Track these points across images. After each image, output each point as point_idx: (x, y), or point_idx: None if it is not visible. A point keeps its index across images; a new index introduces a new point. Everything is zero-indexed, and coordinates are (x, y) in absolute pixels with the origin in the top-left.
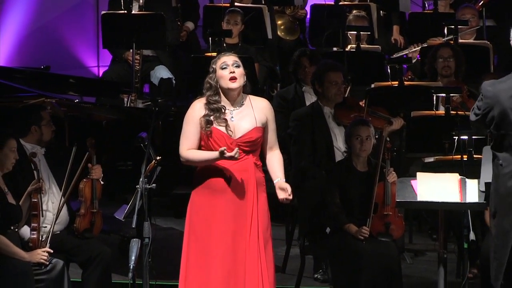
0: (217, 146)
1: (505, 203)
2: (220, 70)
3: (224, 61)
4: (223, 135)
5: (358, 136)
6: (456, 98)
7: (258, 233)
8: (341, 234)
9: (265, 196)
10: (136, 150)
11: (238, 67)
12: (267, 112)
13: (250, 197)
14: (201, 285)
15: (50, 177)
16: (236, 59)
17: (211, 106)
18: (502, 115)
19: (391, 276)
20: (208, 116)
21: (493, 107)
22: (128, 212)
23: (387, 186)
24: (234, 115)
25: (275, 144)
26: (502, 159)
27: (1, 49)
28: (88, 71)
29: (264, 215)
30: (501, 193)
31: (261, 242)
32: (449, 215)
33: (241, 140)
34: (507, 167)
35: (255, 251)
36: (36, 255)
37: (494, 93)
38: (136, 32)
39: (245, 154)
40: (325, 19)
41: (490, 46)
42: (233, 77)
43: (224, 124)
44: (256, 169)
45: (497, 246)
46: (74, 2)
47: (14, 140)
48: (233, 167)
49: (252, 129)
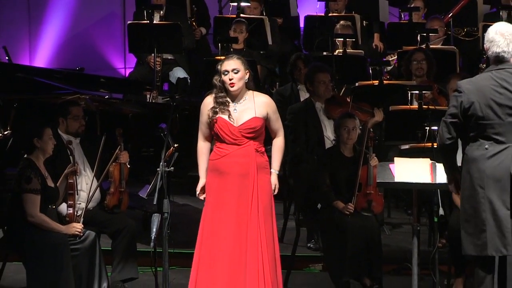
0: (222, 132)
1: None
2: (222, 75)
3: (225, 68)
4: (227, 123)
5: (345, 127)
6: (427, 95)
7: (258, 209)
8: (330, 210)
9: (268, 177)
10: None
11: (237, 72)
12: (267, 106)
13: (251, 178)
14: (212, 249)
15: (84, 162)
16: (235, 66)
17: (217, 100)
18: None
19: (372, 245)
20: (215, 108)
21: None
22: (150, 191)
23: (370, 169)
24: (236, 108)
25: (279, 131)
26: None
27: (43, 54)
28: (116, 72)
29: (265, 194)
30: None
31: (261, 217)
32: (421, 194)
33: (242, 127)
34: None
35: (255, 223)
36: (72, 228)
37: (476, 88)
38: (157, 38)
39: (246, 140)
40: (317, 28)
41: (456, 50)
42: (232, 83)
43: (227, 114)
44: (257, 154)
45: (483, 219)
46: (104, 13)
47: (49, 128)
48: (236, 153)
49: (251, 119)
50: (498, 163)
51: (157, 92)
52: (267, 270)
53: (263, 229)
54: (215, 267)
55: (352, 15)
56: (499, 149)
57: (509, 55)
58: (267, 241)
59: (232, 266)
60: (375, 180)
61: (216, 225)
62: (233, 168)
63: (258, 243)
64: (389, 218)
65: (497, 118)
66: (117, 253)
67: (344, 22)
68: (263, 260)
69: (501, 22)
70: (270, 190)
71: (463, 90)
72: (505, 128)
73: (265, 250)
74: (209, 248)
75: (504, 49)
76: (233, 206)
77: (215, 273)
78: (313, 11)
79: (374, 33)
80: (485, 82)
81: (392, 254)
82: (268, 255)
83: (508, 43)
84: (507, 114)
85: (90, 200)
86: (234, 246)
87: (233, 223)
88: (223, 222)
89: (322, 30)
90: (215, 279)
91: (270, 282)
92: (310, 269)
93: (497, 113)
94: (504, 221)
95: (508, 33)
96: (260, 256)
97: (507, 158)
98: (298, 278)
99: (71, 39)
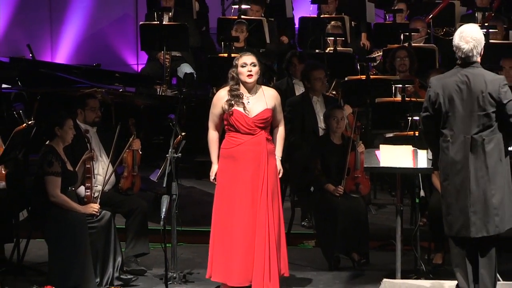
0: (237, 123)
1: (452, 169)
2: (240, 67)
3: (244, 61)
4: (242, 114)
5: (334, 117)
6: (409, 88)
7: (268, 189)
8: (322, 192)
9: (275, 162)
10: (166, 128)
11: (255, 66)
12: (275, 99)
13: (262, 163)
14: (227, 226)
15: (100, 149)
16: (253, 60)
17: (232, 93)
18: (446, 102)
19: (360, 223)
20: (230, 100)
21: (439, 94)
22: (160, 175)
23: (357, 155)
24: (250, 100)
25: (281, 121)
26: (448, 135)
27: (63, 51)
28: (129, 67)
29: (273, 176)
30: (448, 161)
31: (269, 196)
32: (404, 177)
33: (256, 118)
34: (450, 141)
35: (264, 202)
36: (89, 208)
37: (441, 84)
38: (166, 38)
39: (259, 129)
40: (310, 28)
41: (436, 48)
42: (250, 74)
43: (242, 106)
44: (267, 143)
45: (449, 203)
46: (119, 15)
47: (70, 119)
48: (250, 141)
49: (264, 110)
50: (455, 152)
51: (166, 86)
52: (273, 242)
53: (271, 208)
54: (231, 239)
55: (342, 16)
56: (459, 140)
57: (475, 56)
58: (274, 218)
59: (246, 237)
60: (362, 165)
61: (232, 205)
62: (247, 155)
63: (266, 220)
64: (375, 199)
65: (457, 111)
66: (130, 230)
67: (334, 23)
68: (269, 234)
69: (467, 25)
70: (277, 173)
71: (431, 85)
72: (464, 120)
73: (271, 226)
74: (225, 223)
75: (468, 54)
76: (247, 188)
77: (231, 245)
78: (306, 12)
79: (361, 33)
80: (451, 78)
81: (377, 232)
82: (274, 230)
83: (472, 45)
84: (467, 108)
85: (106, 183)
86: (248, 219)
87: (248, 202)
88: (239, 201)
89: (315, 30)
90: (231, 251)
91: (275, 251)
92: (304, 245)
93: (457, 106)
94: (463, 206)
95: (470, 37)
96: (267, 231)
97: (465, 148)
98: (293, 253)
99: (89, 38)
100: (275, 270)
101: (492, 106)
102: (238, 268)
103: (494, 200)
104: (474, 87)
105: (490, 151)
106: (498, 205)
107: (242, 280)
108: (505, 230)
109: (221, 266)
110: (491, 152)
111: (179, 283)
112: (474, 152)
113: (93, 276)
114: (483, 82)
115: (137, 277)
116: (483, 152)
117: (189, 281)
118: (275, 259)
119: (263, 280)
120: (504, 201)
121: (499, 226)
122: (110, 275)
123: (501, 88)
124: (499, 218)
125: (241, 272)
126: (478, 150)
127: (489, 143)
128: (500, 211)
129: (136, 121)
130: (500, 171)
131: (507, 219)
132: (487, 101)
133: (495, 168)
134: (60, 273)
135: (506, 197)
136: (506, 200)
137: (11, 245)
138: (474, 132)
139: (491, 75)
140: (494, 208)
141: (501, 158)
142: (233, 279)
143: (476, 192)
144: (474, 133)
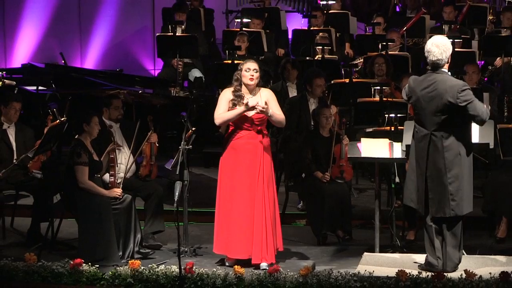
0: (239, 122)
1: (417, 155)
2: (244, 71)
3: (248, 66)
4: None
5: (324, 115)
6: (386, 90)
7: (264, 176)
8: (311, 178)
9: (270, 154)
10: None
11: (256, 72)
12: (269, 96)
13: (259, 155)
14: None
15: (123, 142)
16: (256, 67)
17: (235, 93)
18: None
19: (344, 205)
20: (234, 100)
21: (412, 95)
22: (174, 164)
23: (342, 147)
24: (249, 100)
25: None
26: (417, 128)
27: (91, 58)
28: (148, 72)
29: (268, 166)
30: (414, 149)
31: (265, 182)
32: (382, 166)
33: (254, 117)
34: (418, 133)
35: (261, 187)
36: (113, 192)
37: (414, 85)
38: (179, 47)
39: (256, 126)
40: (302, 39)
41: (409, 56)
42: (251, 78)
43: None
44: (263, 137)
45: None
46: (138, 27)
47: (96, 117)
48: (248, 135)
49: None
50: (420, 144)
51: (179, 88)
52: (269, 222)
53: (266, 192)
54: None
55: (329, 29)
56: (423, 134)
57: (443, 62)
58: (269, 201)
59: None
60: (346, 155)
61: (233, 189)
62: (245, 147)
63: (263, 202)
64: (357, 184)
65: (422, 110)
66: (148, 211)
67: (322, 34)
68: (265, 215)
69: (437, 36)
70: (271, 163)
71: (408, 84)
72: (428, 118)
73: (267, 207)
74: (227, 205)
75: (438, 58)
76: (246, 175)
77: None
78: (299, 25)
79: (345, 43)
80: (421, 80)
81: (359, 212)
82: (270, 211)
83: (441, 52)
84: (430, 108)
85: (128, 171)
86: (247, 202)
87: (246, 187)
88: (239, 186)
89: (306, 40)
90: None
91: (271, 229)
92: (296, 224)
93: (423, 106)
94: (420, 187)
95: (442, 44)
96: (264, 212)
97: (426, 142)
98: (287, 230)
99: (113, 46)
100: (271, 245)
101: (450, 108)
102: (238, 243)
103: (450, 188)
104: (437, 91)
105: (448, 145)
106: (455, 191)
107: (242, 253)
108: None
109: (224, 241)
110: (449, 146)
111: (190, 256)
112: (433, 146)
113: (117, 250)
114: (444, 88)
115: (154, 251)
116: (442, 146)
117: (198, 254)
118: (271, 235)
119: (261, 253)
120: (462, 188)
121: (455, 209)
122: (131, 249)
123: (459, 93)
124: (455, 203)
125: (241, 247)
126: (437, 145)
127: (447, 139)
128: (457, 197)
129: (154, 118)
130: (457, 163)
131: (465, 205)
132: (445, 104)
133: (453, 161)
134: (88, 248)
135: (464, 185)
136: (464, 188)
137: (46, 224)
138: (433, 129)
139: (453, 81)
140: (451, 194)
141: (460, 153)
142: (233, 252)
143: (433, 180)
144: (433, 130)
